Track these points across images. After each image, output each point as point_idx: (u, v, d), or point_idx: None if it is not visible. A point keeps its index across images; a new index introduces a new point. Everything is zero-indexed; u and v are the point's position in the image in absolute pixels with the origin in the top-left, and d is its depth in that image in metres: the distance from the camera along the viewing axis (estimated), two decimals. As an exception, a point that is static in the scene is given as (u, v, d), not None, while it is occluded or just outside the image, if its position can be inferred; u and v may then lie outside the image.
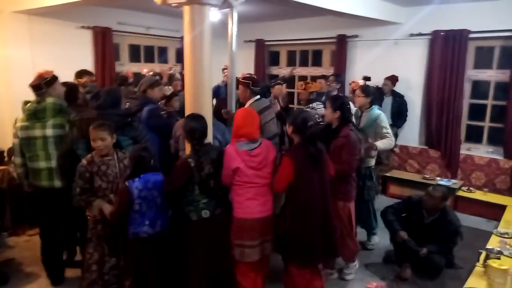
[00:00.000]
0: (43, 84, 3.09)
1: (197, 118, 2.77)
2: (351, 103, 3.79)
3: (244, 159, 2.73)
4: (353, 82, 5.22)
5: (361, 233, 4.11)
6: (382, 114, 3.91)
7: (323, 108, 4.47)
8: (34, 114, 3.04)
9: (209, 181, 2.71)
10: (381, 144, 3.80)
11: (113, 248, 2.76)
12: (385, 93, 5.68)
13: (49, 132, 3.03)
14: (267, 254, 2.90)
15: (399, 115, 5.68)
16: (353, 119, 3.78)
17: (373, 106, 3.96)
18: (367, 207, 4.04)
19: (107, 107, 2.98)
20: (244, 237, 2.76)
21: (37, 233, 4.11)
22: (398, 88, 5.77)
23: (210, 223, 2.75)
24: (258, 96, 3.79)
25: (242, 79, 3.83)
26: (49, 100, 3.06)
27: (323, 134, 3.16)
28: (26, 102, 3.12)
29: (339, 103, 3.25)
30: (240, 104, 3.97)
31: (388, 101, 5.67)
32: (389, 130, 3.90)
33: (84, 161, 2.71)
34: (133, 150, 2.67)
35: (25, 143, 3.07)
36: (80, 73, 4.39)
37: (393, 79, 5.72)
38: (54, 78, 3.20)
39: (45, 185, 3.10)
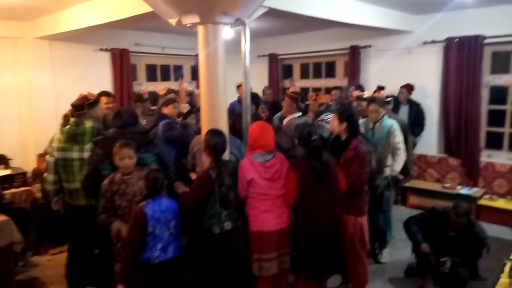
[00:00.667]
0: (86, 105, 3.18)
1: (218, 133, 2.85)
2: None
3: (258, 170, 2.77)
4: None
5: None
6: (395, 124, 3.89)
7: None
8: (73, 137, 3.11)
9: (229, 193, 2.76)
10: (397, 167, 3.88)
11: None
12: (401, 101, 5.63)
13: (87, 155, 3.07)
14: (286, 269, 2.89)
15: (416, 124, 5.61)
16: (363, 131, 3.73)
17: (384, 116, 3.93)
18: (384, 218, 3.99)
19: (128, 125, 3.02)
20: (262, 250, 2.76)
21: (60, 251, 4.24)
22: (414, 96, 5.72)
23: (233, 236, 2.77)
24: (300, 113, 4.02)
25: (291, 93, 4.04)
26: (88, 124, 3.14)
27: (334, 147, 3.16)
28: (65, 124, 3.19)
29: (346, 114, 3.19)
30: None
31: (404, 109, 5.61)
32: (402, 140, 3.87)
33: (106, 181, 2.77)
34: (148, 172, 2.65)
35: (61, 163, 3.15)
36: (100, 95, 4.50)
37: (409, 88, 5.67)
38: (96, 101, 3.32)
39: (83, 204, 3.16)
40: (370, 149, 3.23)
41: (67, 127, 3.15)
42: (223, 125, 3.15)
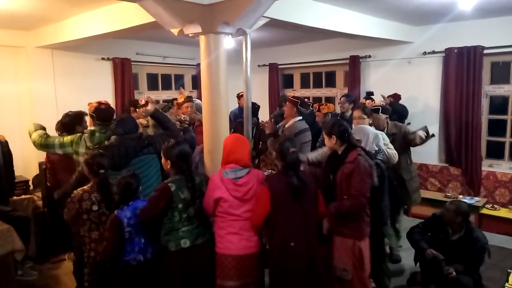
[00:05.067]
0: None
1: (183, 142, 2.69)
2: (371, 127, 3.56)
3: (228, 188, 2.53)
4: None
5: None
6: (379, 133, 3.63)
7: None
8: (99, 143, 3.14)
9: (195, 205, 2.55)
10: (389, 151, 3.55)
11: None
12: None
13: None
14: None
15: None
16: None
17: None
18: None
19: (128, 132, 3.05)
20: (224, 276, 2.53)
21: (61, 259, 4.23)
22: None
23: (189, 255, 2.51)
24: (301, 117, 4.00)
25: (292, 97, 4.05)
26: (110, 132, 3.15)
27: (331, 162, 2.95)
28: (92, 132, 3.21)
29: (331, 127, 2.89)
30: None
31: None
32: (391, 145, 3.74)
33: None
34: (121, 178, 2.59)
35: None
36: None
37: (396, 97, 5.51)
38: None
39: None
40: (371, 162, 2.83)
41: (97, 135, 3.19)
42: (225, 133, 3.15)
